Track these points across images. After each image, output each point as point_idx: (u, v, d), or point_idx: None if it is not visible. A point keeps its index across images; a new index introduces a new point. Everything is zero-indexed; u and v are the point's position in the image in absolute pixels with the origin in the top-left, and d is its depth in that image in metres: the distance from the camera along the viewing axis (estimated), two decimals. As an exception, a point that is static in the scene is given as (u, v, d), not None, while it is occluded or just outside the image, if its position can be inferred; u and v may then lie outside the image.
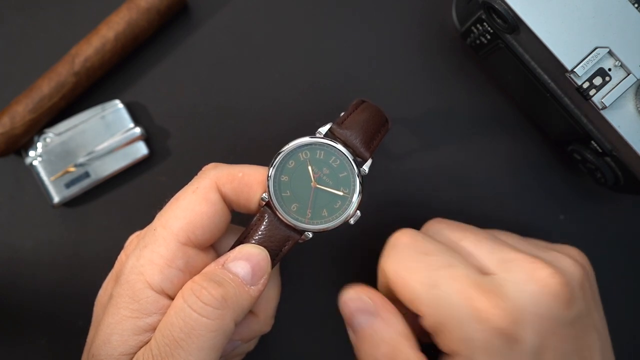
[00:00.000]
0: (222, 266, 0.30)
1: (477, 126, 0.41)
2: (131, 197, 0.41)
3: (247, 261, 0.30)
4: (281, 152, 0.31)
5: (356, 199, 0.31)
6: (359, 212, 0.31)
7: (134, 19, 0.38)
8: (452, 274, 0.30)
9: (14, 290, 0.41)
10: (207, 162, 0.33)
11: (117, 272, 0.33)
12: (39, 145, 0.39)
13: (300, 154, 0.31)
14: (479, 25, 0.36)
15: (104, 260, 0.36)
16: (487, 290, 0.29)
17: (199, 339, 0.27)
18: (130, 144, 0.40)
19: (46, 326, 0.41)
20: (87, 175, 0.40)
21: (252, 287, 0.29)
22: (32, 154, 0.39)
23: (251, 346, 0.36)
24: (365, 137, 0.31)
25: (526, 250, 0.32)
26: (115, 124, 0.40)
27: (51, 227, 0.41)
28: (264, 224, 0.31)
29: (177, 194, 0.31)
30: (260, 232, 0.31)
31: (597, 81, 0.31)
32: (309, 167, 0.31)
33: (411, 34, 0.41)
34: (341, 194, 0.31)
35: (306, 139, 0.31)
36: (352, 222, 0.31)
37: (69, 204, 0.41)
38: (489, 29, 0.35)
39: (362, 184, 0.31)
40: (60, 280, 0.41)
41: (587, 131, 0.34)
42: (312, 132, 0.32)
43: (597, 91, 0.31)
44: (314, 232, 0.31)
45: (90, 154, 0.39)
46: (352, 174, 0.31)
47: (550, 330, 0.29)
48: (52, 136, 0.39)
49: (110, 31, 0.38)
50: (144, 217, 0.32)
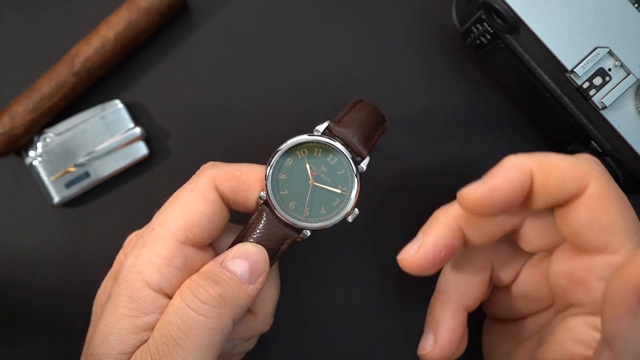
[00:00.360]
0: (220, 265, 0.30)
1: (477, 126, 0.41)
2: (131, 197, 0.41)
3: (245, 260, 0.30)
4: (279, 150, 0.31)
5: (354, 196, 0.31)
6: (357, 209, 0.31)
7: (134, 19, 0.38)
8: None
9: (14, 290, 0.41)
10: (207, 162, 0.33)
11: (115, 272, 0.33)
12: (39, 145, 0.39)
13: (298, 152, 0.31)
14: (479, 25, 0.36)
15: (104, 260, 0.36)
16: None
17: (196, 338, 0.27)
18: (130, 144, 0.40)
19: (46, 326, 0.41)
20: (87, 175, 0.40)
21: (250, 286, 0.29)
22: (32, 154, 0.39)
23: (250, 345, 0.36)
24: (363, 135, 0.31)
25: None
26: (115, 124, 0.40)
27: (51, 227, 0.41)
28: (262, 222, 0.31)
29: (175, 193, 0.31)
30: (258, 231, 0.31)
31: (597, 81, 0.31)
32: (307, 165, 0.31)
33: (411, 34, 0.41)
34: (339, 191, 0.31)
35: (304, 137, 0.31)
36: (350, 219, 0.31)
37: (69, 204, 0.41)
38: (489, 29, 0.35)
39: (360, 181, 0.31)
40: (60, 280, 0.41)
41: (587, 131, 0.34)
42: (310, 131, 0.31)
43: (597, 91, 0.31)
44: (312, 230, 0.31)
45: (90, 154, 0.39)
46: (350, 171, 0.31)
47: None
48: (52, 136, 0.39)
49: (110, 31, 0.38)
50: (144, 217, 0.32)
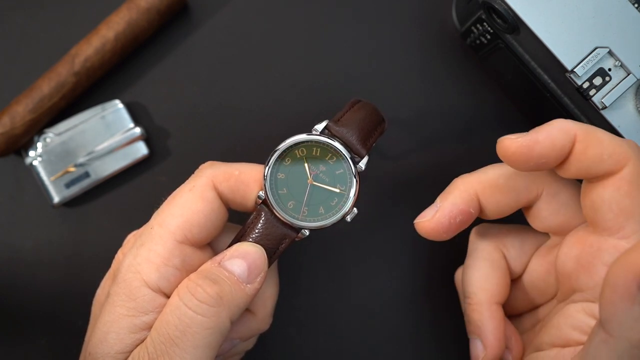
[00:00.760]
0: (219, 264, 0.29)
1: (477, 126, 0.41)
2: (131, 197, 0.41)
3: (244, 259, 0.30)
4: (277, 149, 0.31)
5: (353, 196, 0.31)
6: (355, 209, 0.31)
7: (134, 19, 0.39)
8: None
9: (14, 290, 0.41)
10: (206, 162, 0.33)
11: (114, 271, 0.33)
12: (39, 145, 0.39)
13: (296, 151, 0.31)
14: (479, 25, 0.36)
15: (104, 260, 0.36)
16: None
17: (194, 337, 0.27)
18: (130, 144, 0.40)
19: (46, 326, 0.41)
20: (87, 175, 0.40)
21: (248, 286, 0.29)
22: (32, 154, 0.39)
23: (250, 345, 0.36)
24: (361, 135, 0.31)
25: None
26: (115, 124, 0.40)
27: (51, 227, 0.41)
28: (261, 222, 0.31)
29: (174, 193, 0.31)
30: (257, 230, 0.31)
31: (597, 81, 0.31)
32: (306, 165, 0.31)
33: (411, 34, 0.41)
34: (338, 191, 0.31)
35: (302, 136, 0.31)
36: (348, 219, 0.31)
37: (69, 204, 0.41)
38: (489, 29, 0.35)
39: (358, 181, 0.31)
40: (60, 280, 0.41)
41: (587, 131, 0.34)
42: (309, 131, 0.31)
43: (597, 91, 0.31)
44: (311, 230, 0.31)
45: (90, 154, 0.39)
46: (349, 171, 0.31)
47: None
48: (52, 136, 0.39)
49: (110, 31, 0.38)
50: (144, 217, 0.32)
